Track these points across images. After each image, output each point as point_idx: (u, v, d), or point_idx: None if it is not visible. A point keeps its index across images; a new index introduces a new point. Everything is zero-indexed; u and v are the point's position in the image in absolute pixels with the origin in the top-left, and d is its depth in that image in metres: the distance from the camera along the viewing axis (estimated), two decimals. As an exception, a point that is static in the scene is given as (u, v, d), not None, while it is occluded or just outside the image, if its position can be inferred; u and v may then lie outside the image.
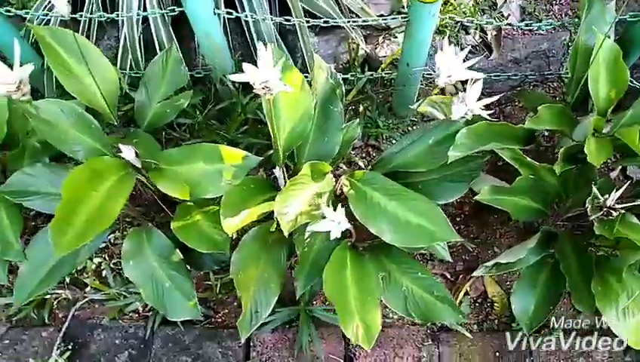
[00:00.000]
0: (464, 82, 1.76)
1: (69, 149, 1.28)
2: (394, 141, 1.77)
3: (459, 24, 1.84)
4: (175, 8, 1.46)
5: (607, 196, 1.08)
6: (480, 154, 1.27)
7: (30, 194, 1.31)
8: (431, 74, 1.69)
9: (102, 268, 1.49)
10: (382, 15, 1.82)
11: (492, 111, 1.18)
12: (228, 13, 1.43)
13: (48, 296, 1.47)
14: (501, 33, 1.83)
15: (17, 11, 1.50)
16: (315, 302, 1.48)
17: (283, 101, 1.30)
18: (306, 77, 1.57)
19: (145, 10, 1.56)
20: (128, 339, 1.43)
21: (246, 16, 1.49)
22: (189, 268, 1.33)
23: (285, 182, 1.38)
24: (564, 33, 1.83)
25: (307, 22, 1.50)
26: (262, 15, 1.54)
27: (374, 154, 1.76)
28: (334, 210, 1.06)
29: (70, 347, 1.41)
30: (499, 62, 1.80)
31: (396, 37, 1.83)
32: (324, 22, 1.51)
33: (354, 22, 1.57)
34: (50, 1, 1.62)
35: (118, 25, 1.70)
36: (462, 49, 1.84)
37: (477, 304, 1.51)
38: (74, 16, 1.52)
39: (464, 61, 0.97)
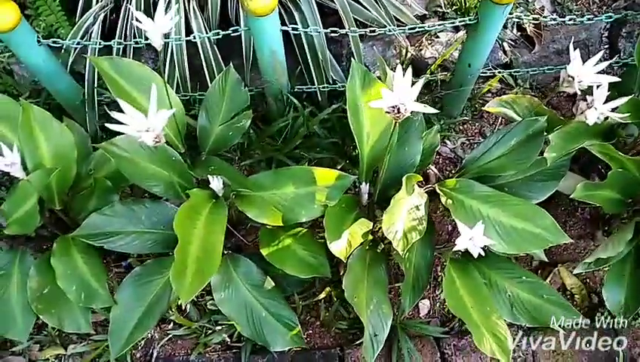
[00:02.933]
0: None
1: (148, 185, 1.23)
2: (447, 141, 1.77)
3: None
4: (239, 28, 1.40)
5: None
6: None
7: (110, 235, 1.24)
8: (485, 72, 1.69)
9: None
10: (418, 15, 1.81)
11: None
12: (293, 29, 1.39)
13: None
14: (540, 26, 1.84)
15: (63, 41, 1.41)
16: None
17: (365, 114, 1.28)
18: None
19: (189, 32, 1.50)
20: (220, 373, 1.38)
21: (306, 31, 1.45)
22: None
23: (369, 197, 1.36)
24: (601, 22, 1.85)
25: (373, 31, 1.47)
26: (314, 27, 1.50)
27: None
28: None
29: (159, 388, 1.36)
30: (542, 55, 1.82)
31: (438, 37, 1.82)
32: (386, 31, 1.48)
33: (410, 29, 1.53)
34: (87, 31, 1.53)
35: (155, 47, 1.63)
36: (502, 43, 1.86)
37: (558, 297, 1.52)
38: (147, 42, 1.45)
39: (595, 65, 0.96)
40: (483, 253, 0.98)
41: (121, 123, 0.78)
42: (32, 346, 1.44)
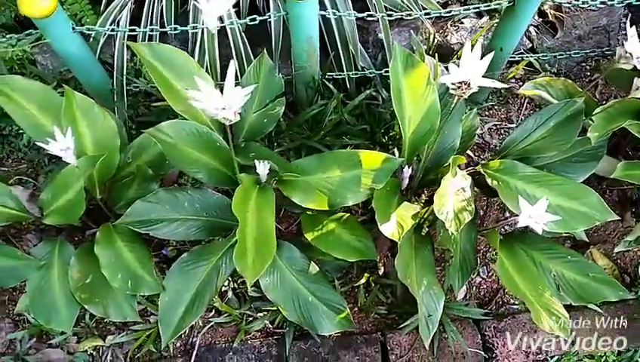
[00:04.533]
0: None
1: (191, 170, 1.22)
2: (473, 127, 1.78)
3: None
4: (275, 13, 1.40)
5: None
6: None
7: (154, 223, 1.23)
8: (513, 57, 1.70)
9: (225, 288, 1.42)
10: (439, 2, 1.81)
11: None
12: (333, 13, 1.39)
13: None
14: (562, 12, 1.85)
15: (97, 28, 1.40)
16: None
17: (407, 98, 1.28)
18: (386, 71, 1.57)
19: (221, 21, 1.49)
20: (263, 359, 1.37)
21: (331, 14, 1.44)
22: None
23: (409, 181, 1.36)
24: (621, 8, 1.87)
25: (408, 14, 1.47)
26: (345, 12, 1.50)
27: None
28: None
29: (202, 376, 1.35)
30: (565, 40, 1.83)
31: (462, 23, 1.83)
32: (419, 15, 1.49)
33: (446, 12, 1.53)
34: (114, 19, 1.51)
35: (186, 36, 1.62)
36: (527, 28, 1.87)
37: (591, 278, 1.54)
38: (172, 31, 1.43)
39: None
40: (547, 229, 0.99)
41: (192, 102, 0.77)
42: (69, 338, 1.42)
